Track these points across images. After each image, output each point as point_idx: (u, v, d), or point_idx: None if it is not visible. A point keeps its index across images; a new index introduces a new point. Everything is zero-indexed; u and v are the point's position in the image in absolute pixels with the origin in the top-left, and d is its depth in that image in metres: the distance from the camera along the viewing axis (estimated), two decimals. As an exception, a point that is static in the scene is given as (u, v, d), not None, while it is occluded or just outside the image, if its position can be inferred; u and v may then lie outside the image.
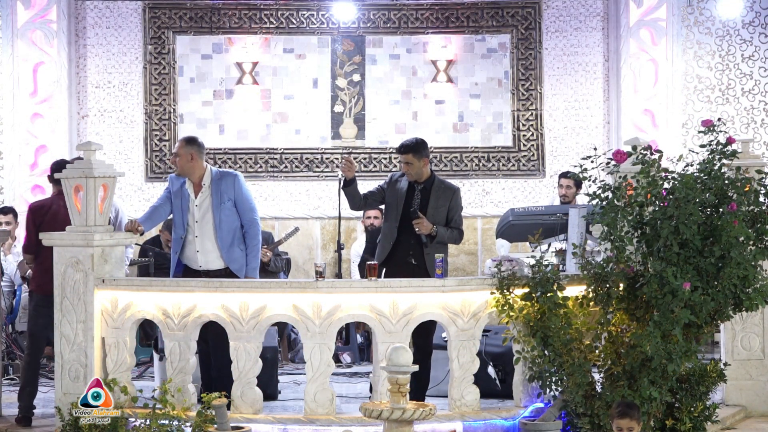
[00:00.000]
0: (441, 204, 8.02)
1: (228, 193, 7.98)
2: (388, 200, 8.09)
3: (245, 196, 8.06)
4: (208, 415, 7.12)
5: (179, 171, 8.03)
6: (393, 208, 8.04)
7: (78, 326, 7.58)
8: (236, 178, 8.05)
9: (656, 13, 11.78)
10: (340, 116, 12.13)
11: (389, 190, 8.10)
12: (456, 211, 8.09)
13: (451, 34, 12.11)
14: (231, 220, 7.97)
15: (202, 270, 7.94)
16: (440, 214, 8.00)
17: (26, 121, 11.57)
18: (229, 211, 7.98)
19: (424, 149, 8.06)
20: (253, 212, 8.09)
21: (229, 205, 7.97)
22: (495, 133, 12.18)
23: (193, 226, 7.98)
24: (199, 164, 8.02)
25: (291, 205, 12.09)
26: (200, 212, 7.97)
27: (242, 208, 8.03)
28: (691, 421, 7.35)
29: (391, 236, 7.99)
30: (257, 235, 8.06)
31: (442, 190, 8.07)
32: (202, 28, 12.03)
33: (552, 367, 7.28)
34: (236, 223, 7.99)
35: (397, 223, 7.98)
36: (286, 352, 10.39)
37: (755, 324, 8.44)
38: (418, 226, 7.89)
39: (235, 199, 8.00)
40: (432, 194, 8.03)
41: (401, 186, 8.07)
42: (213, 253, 7.96)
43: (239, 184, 8.05)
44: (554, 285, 7.30)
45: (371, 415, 6.64)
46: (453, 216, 8.07)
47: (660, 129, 11.75)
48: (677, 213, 7.01)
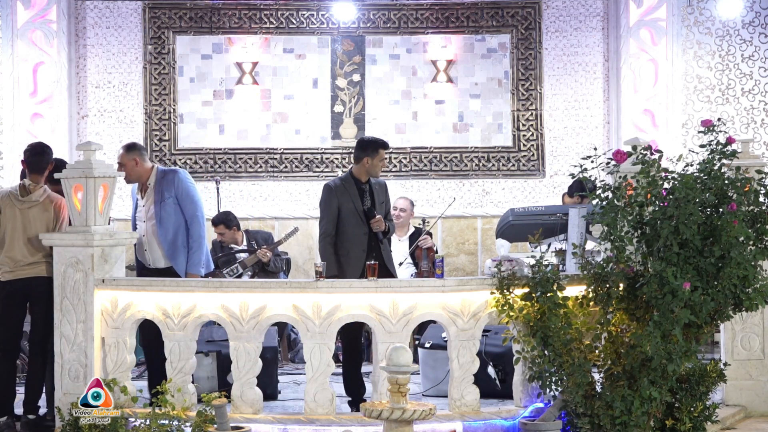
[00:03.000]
0: (381, 199, 8.20)
1: (169, 190, 8.11)
2: (345, 208, 8.05)
3: (186, 192, 8.17)
4: (208, 415, 7.12)
5: (128, 179, 8.24)
6: (353, 213, 8.04)
7: (78, 326, 7.58)
8: (177, 174, 8.18)
9: (656, 13, 11.79)
10: (340, 116, 12.13)
11: (342, 199, 8.06)
12: (389, 203, 8.36)
13: (451, 34, 12.12)
14: (173, 217, 8.10)
15: (152, 268, 8.17)
16: (383, 209, 8.18)
17: (26, 121, 11.57)
18: (170, 209, 8.11)
19: None
20: (196, 208, 8.18)
21: (170, 202, 8.11)
22: (495, 133, 12.19)
23: (140, 226, 8.23)
24: (144, 167, 8.23)
25: (291, 205, 12.09)
26: (146, 212, 8.16)
27: (184, 204, 8.16)
28: (691, 421, 7.35)
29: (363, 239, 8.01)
30: (198, 231, 8.15)
31: (378, 185, 8.25)
32: (202, 28, 12.04)
33: (552, 367, 7.28)
34: (181, 221, 8.11)
35: (366, 227, 8.03)
36: (286, 352, 10.39)
37: (755, 324, 8.44)
38: (376, 224, 8.00)
39: (177, 196, 8.12)
40: (375, 191, 8.17)
41: (350, 190, 8.09)
42: (158, 251, 8.14)
43: (179, 180, 8.16)
44: (554, 285, 7.30)
45: (371, 415, 6.65)
46: (388, 208, 8.30)
47: (660, 129, 11.75)
48: (677, 213, 7.00)
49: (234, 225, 10.55)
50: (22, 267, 7.86)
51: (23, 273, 7.86)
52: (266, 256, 10.23)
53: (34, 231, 7.88)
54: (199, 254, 8.14)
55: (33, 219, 7.91)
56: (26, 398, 7.92)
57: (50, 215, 7.94)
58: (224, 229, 10.49)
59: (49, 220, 7.94)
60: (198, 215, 8.18)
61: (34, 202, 7.94)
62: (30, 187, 8.01)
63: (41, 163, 8.08)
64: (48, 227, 7.91)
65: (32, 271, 7.87)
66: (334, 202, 8.04)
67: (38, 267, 7.88)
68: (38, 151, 8.15)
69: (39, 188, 8.01)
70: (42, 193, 8.00)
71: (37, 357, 7.95)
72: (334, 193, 8.05)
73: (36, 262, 7.87)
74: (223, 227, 10.49)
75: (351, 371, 8.08)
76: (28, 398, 7.91)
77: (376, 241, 8.07)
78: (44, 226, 7.91)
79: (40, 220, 7.91)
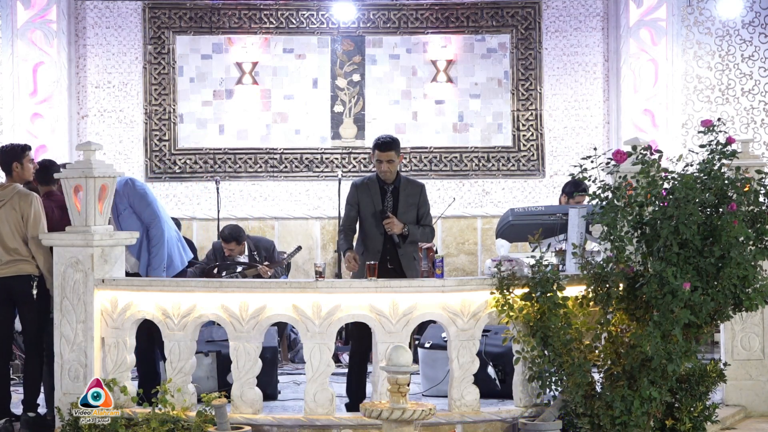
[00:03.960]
0: (411, 202, 8.01)
1: (122, 202, 8.07)
2: (364, 207, 8.00)
3: (140, 199, 8.13)
4: (208, 415, 7.12)
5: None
6: (371, 213, 7.97)
7: (78, 326, 7.58)
8: (125, 184, 8.07)
9: (656, 13, 11.79)
10: (340, 116, 12.13)
11: (361, 197, 8.00)
12: (425, 207, 8.09)
13: (451, 34, 12.12)
14: (135, 226, 8.07)
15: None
16: (411, 212, 8.00)
17: (26, 121, 11.57)
18: (129, 219, 8.10)
19: (400, 146, 8.10)
20: (153, 211, 8.13)
21: (126, 214, 8.09)
22: (495, 133, 12.19)
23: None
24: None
25: (291, 205, 12.09)
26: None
27: (140, 211, 8.14)
28: (691, 421, 7.36)
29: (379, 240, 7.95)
30: (159, 233, 8.12)
31: (410, 188, 8.06)
32: (202, 28, 12.04)
33: (552, 367, 7.27)
34: (143, 227, 8.10)
35: (382, 227, 7.93)
36: (286, 352, 10.38)
37: (755, 324, 8.44)
38: (388, 226, 7.88)
39: (131, 205, 8.11)
40: (401, 193, 8.01)
41: (372, 189, 8.00)
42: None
43: (129, 188, 8.10)
44: (554, 285, 7.30)
45: (371, 415, 6.65)
46: (422, 213, 8.06)
47: (660, 129, 11.76)
48: (677, 213, 7.00)
49: (243, 239, 10.48)
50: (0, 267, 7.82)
51: (2, 272, 7.83)
52: (266, 274, 10.18)
53: (7, 230, 7.78)
54: (160, 257, 8.14)
55: (4, 219, 7.79)
56: (25, 397, 7.92)
57: (18, 213, 7.81)
58: (235, 246, 10.40)
59: (19, 217, 7.83)
60: (157, 218, 8.15)
61: (1, 201, 7.83)
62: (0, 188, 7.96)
63: (3, 159, 8.06)
64: (18, 226, 7.81)
65: (10, 270, 7.82)
66: (354, 199, 8.03)
67: (16, 266, 7.81)
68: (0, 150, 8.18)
69: (7, 187, 7.92)
70: (10, 191, 7.87)
71: (33, 355, 7.92)
72: (356, 190, 8.04)
73: (13, 261, 7.80)
74: (235, 244, 10.40)
75: (359, 373, 7.98)
76: (27, 397, 7.91)
77: (392, 244, 7.93)
78: (15, 224, 7.81)
79: (10, 219, 7.81)
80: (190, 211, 12.02)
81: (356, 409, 7.44)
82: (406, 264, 7.96)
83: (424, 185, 8.15)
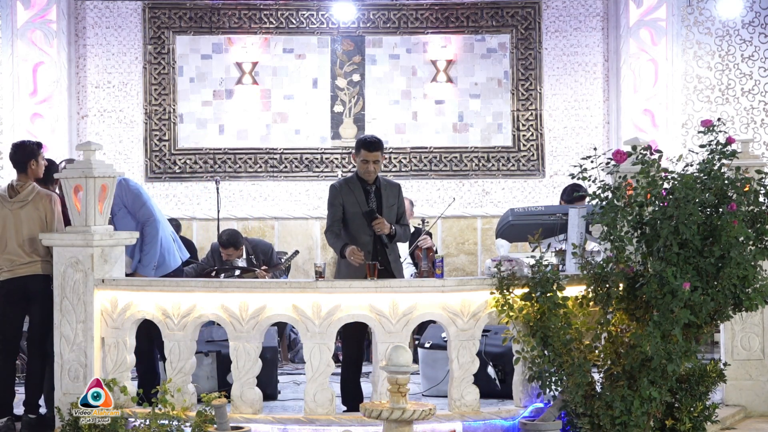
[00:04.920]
0: (392, 202, 8.00)
1: (117, 204, 8.04)
2: (350, 207, 7.92)
3: (134, 199, 8.13)
4: (207, 415, 7.12)
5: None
6: (357, 214, 7.90)
7: (78, 326, 7.58)
8: (119, 185, 8.03)
9: (656, 13, 11.79)
10: (340, 116, 12.13)
11: (346, 198, 7.92)
12: (402, 206, 8.11)
13: (451, 34, 12.12)
14: (130, 226, 8.07)
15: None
16: (392, 212, 7.99)
17: (26, 121, 11.57)
18: (125, 220, 8.10)
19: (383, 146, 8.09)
20: (148, 210, 8.13)
21: (122, 214, 8.09)
22: (495, 133, 12.19)
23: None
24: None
25: (291, 205, 12.10)
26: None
27: (135, 211, 8.14)
28: (691, 421, 7.36)
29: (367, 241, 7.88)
30: (153, 232, 8.11)
31: (389, 188, 8.04)
32: (201, 28, 12.04)
33: (552, 367, 7.27)
34: (138, 228, 8.11)
35: (370, 228, 7.86)
36: (286, 352, 10.38)
37: (755, 324, 8.44)
38: (378, 227, 7.83)
39: (126, 206, 8.11)
40: (382, 193, 7.98)
41: (355, 190, 7.93)
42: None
43: (123, 189, 8.09)
44: (554, 285, 7.30)
45: (371, 415, 6.65)
46: (401, 212, 8.07)
47: (660, 129, 11.76)
48: (677, 213, 7.00)
49: (241, 244, 10.45)
50: (19, 266, 7.86)
51: (21, 272, 7.86)
52: (264, 278, 10.15)
53: (27, 230, 7.85)
54: (152, 255, 8.14)
55: (25, 218, 7.88)
56: (27, 398, 7.92)
57: (41, 213, 7.89)
58: (233, 251, 10.39)
59: (41, 217, 7.90)
60: (152, 217, 8.15)
61: (23, 202, 7.90)
62: (18, 187, 7.98)
63: (20, 158, 8.03)
64: (42, 224, 7.87)
65: (29, 269, 7.86)
66: (338, 202, 7.95)
67: (35, 265, 7.86)
68: (15, 147, 8.15)
69: (27, 186, 7.96)
70: (30, 191, 7.94)
71: (36, 356, 7.94)
72: (338, 192, 7.96)
73: (32, 261, 7.86)
74: (233, 249, 10.38)
75: (352, 379, 7.96)
76: (28, 398, 7.91)
77: (381, 244, 7.89)
78: (37, 224, 7.87)
79: (32, 219, 7.88)
80: (190, 211, 12.02)
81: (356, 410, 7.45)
82: (394, 264, 7.96)
83: (400, 185, 8.16)
